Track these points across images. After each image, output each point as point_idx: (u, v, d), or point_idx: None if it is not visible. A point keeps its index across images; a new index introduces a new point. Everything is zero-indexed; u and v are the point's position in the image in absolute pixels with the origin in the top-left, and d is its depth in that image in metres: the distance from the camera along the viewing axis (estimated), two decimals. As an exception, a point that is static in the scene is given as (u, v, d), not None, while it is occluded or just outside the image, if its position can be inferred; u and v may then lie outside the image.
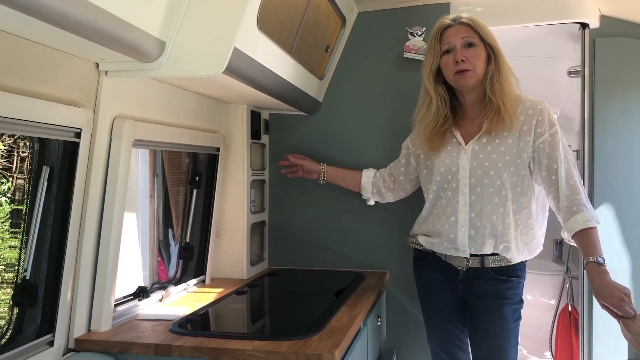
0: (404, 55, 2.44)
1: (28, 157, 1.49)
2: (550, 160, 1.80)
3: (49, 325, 1.51)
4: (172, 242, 2.26)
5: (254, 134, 2.48)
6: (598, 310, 2.31)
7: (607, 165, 2.38)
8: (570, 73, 2.87)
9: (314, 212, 2.61)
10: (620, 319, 1.55)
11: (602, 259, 1.65)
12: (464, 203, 1.87)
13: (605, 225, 1.88)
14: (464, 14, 1.86)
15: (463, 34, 1.83)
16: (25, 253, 1.48)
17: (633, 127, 2.38)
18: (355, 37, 2.54)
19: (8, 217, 1.63)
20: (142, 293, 1.91)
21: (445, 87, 1.93)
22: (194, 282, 2.24)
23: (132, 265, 2.02)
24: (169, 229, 2.25)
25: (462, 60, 1.81)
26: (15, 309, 1.48)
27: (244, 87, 1.87)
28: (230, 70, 1.59)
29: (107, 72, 1.57)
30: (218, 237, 2.40)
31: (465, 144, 1.90)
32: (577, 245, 1.76)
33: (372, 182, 2.30)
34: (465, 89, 1.88)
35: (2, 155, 1.63)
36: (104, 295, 1.63)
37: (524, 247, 1.89)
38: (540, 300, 3.32)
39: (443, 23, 1.87)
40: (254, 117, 2.48)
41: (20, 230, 1.49)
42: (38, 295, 1.49)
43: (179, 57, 1.52)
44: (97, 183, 1.60)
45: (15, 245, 1.51)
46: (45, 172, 1.48)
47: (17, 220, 1.51)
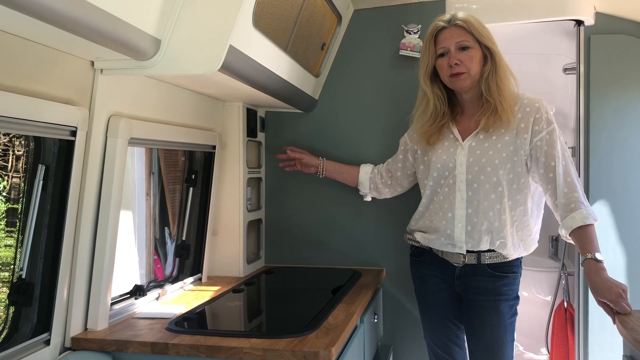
0: (400, 53, 2.44)
1: (23, 155, 1.49)
2: (548, 158, 1.80)
3: (45, 324, 1.51)
4: (168, 240, 2.26)
5: (250, 132, 2.48)
6: (594, 307, 2.32)
7: (602, 162, 2.39)
8: (566, 70, 2.87)
9: (310, 209, 2.61)
10: (616, 315, 1.56)
11: (599, 256, 1.66)
12: (461, 199, 1.88)
13: (601, 222, 1.89)
14: (459, 14, 1.85)
15: (457, 38, 1.82)
16: (21, 252, 1.47)
17: (628, 123, 2.38)
18: (351, 34, 2.54)
19: (4, 216, 1.62)
20: (138, 291, 1.91)
21: (443, 85, 1.93)
22: (191, 280, 2.24)
23: (128, 264, 2.02)
24: (165, 227, 2.25)
25: (456, 64, 1.81)
26: (11, 308, 1.48)
27: (240, 84, 1.87)
28: (226, 68, 1.58)
29: (102, 70, 1.56)
30: (214, 235, 2.40)
31: (463, 140, 1.90)
32: (574, 243, 1.77)
33: (369, 177, 2.30)
34: (461, 91, 1.88)
35: (-3, 154, 1.62)
36: (100, 294, 1.63)
37: (520, 243, 1.89)
38: (536, 297, 3.33)
39: (437, 25, 1.86)
40: (250, 114, 2.48)
41: (16, 229, 1.49)
42: (34, 294, 1.49)
43: (175, 55, 1.51)
44: (93, 181, 1.60)
45: (11, 244, 1.51)
46: (41, 170, 1.47)
47: (12, 219, 1.50)
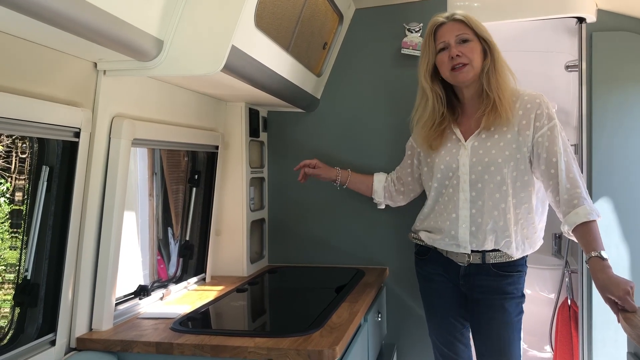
0: (402, 51, 2.44)
1: (27, 157, 1.49)
2: (549, 154, 1.80)
3: (51, 325, 1.51)
4: (171, 240, 2.27)
5: (253, 132, 2.48)
6: (598, 304, 2.33)
7: (605, 159, 2.38)
8: (568, 67, 2.87)
9: (313, 209, 2.61)
10: (621, 313, 1.55)
11: (604, 254, 1.65)
12: (465, 199, 1.88)
13: (604, 219, 1.88)
14: (458, 11, 1.85)
15: (457, 31, 1.82)
16: (26, 253, 1.48)
17: (631, 120, 2.38)
18: (353, 33, 2.54)
19: (8, 217, 1.63)
20: (142, 292, 1.91)
21: (443, 85, 1.92)
22: (195, 280, 2.25)
23: (132, 264, 2.02)
24: (169, 228, 2.26)
25: (457, 56, 1.81)
26: (17, 309, 1.49)
27: (242, 85, 1.87)
28: (228, 69, 1.59)
29: (105, 71, 1.57)
30: (218, 235, 2.40)
31: (465, 141, 1.90)
32: (577, 239, 1.76)
33: (383, 186, 2.27)
34: (464, 84, 1.87)
35: (0, 156, 1.62)
36: (105, 294, 1.64)
37: (525, 241, 1.89)
38: (540, 295, 3.33)
39: (436, 21, 1.87)
40: (252, 114, 2.48)
41: (21, 231, 1.49)
42: (39, 295, 1.50)
43: (177, 55, 1.52)
44: (96, 182, 1.60)
45: (16, 246, 1.51)
46: (45, 172, 1.48)
47: (17, 221, 1.51)
